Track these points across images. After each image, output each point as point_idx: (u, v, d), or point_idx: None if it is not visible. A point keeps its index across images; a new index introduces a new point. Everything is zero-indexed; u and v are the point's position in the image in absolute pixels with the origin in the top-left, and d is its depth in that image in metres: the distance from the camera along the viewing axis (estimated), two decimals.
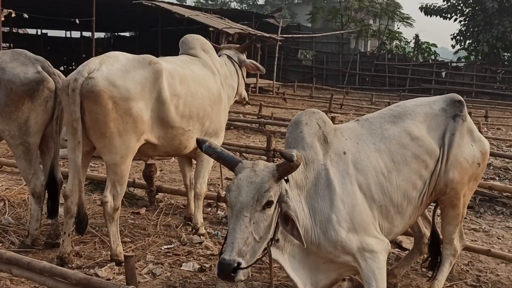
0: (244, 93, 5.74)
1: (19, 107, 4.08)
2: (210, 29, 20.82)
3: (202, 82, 4.68)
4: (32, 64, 4.18)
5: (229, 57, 5.43)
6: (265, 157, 8.58)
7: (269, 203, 2.68)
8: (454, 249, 3.85)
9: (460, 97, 3.76)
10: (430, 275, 4.07)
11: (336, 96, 19.89)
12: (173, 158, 7.90)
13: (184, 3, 49.15)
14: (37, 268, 3.40)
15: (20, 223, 4.92)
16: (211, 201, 5.79)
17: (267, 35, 25.04)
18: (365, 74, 32.15)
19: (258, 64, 5.64)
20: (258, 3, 64.35)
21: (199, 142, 2.93)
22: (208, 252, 4.53)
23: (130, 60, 4.16)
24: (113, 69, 3.98)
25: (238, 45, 5.76)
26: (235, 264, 2.54)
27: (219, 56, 5.36)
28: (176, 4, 28.66)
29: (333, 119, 12.07)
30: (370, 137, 3.36)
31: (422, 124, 3.52)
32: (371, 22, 37.98)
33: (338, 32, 33.53)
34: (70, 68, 31.01)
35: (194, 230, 5.01)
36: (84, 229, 4.10)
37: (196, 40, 5.13)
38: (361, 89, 29.41)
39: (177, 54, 5.12)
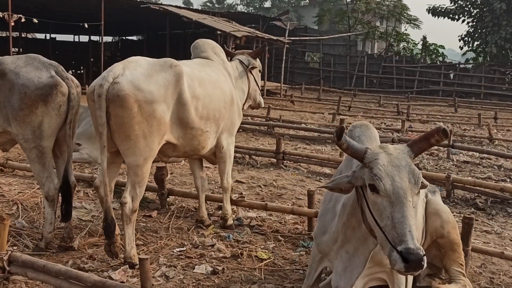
0: (259, 99, 5.84)
1: (33, 111, 4.12)
2: (218, 32, 20.88)
3: (217, 85, 4.81)
4: (46, 69, 4.22)
5: (240, 61, 5.57)
6: (275, 160, 8.62)
7: (421, 184, 2.61)
8: (465, 283, 3.85)
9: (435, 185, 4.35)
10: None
11: (344, 99, 19.87)
12: (183, 161, 7.94)
13: (191, 7, 49.28)
14: (52, 271, 3.43)
15: (34, 226, 4.95)
16: (222, 204, 5.81)
17: (274, 37, 25.07)
18: (373, 76, 32.06)
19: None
20: (265, 6, 64.53)
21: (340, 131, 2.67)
22: (221, 255, 4.53)
23: (152, 64, 4.27)
24: (136, 74, 4.08)
25: (251, 51, 5.85)
26: (422, 251, 2.37)
27: (232, 60, 5.54)
28: (183, 8, 28.73)
29: (341, 121, 12.09)
30: None
31: None
32: (378, 24, 37.92)
33: (345, 34, 33.49)
34: (79, 72, 31.22)
35: (222, 221, 5.28)
36: (113, 233, 4.09)
37: (207, 44, 5.27)
38: (369, 91, 29.33)
39: (184, 57, 5.23)
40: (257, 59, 5.75)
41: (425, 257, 2.39)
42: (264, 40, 23.68)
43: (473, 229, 4.86)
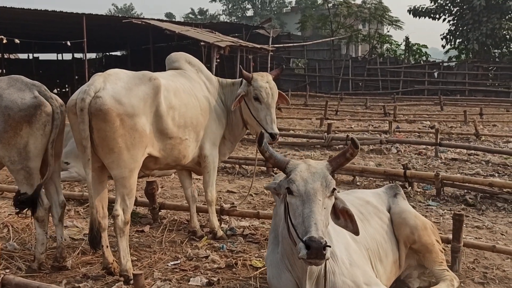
0: (259, 130, 4.83)
1: (18, 132, 4.10)
2: (201, 43, 20.88)
3: (192, 93, 4.86)
4: (29, 90, 4.20)
5: (242, 81, 5.16)
6: (265, 168, 8.62)
7: (333, 191, 2.82)
8: (451, 278, 3.90)
9: (395, 184, 4.49)
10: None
11: (330, 103, 19.96)
12: (173, 174, 7.92)
13: (174, 19, 49.34)
14: None
15: (25, 248, 4.91)
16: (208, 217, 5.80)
17: (258, 46, 25.11)
18: (358, 79, 32.29)
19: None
20: (247, 15, 64.74)
21: (260, 137, 3.06)
22: (215, 266, 4.52)
23: (131, 77, 4.30)
24: (117, 87, 4.10)
25: (268, 73, 5.28)
26: (324, 241, 2.53)
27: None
28: (166, 21, 28.75)
29: (329, 126, 12.14)
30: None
31: (372, 197, 4.07)
32: (360, 27, 38.20)
33: (329, 39, 33.73)
34: (64, 90, 31.09)
35: (212, 235, 5.25)
36: (98, 244, 4.22)
37: (180, 55, 5.31)
38: (355, 94, 29.53)
39: None
40: (252, 85, 4.98)
41: (328, 248, 2.55)
42: (248, 49, 23.77)
43: (465, 225, 4.91)
